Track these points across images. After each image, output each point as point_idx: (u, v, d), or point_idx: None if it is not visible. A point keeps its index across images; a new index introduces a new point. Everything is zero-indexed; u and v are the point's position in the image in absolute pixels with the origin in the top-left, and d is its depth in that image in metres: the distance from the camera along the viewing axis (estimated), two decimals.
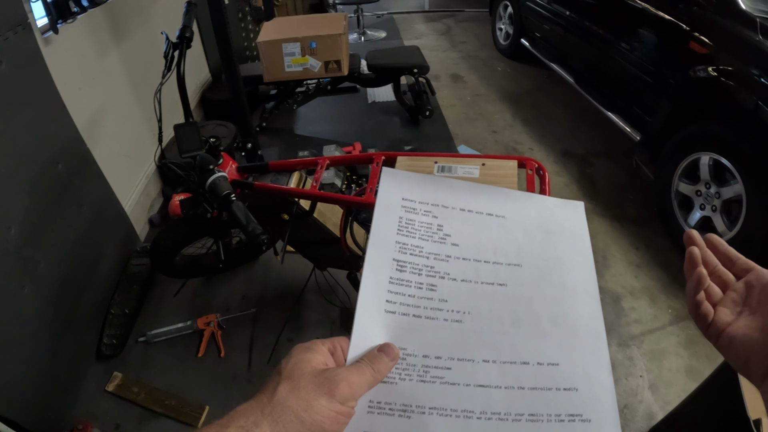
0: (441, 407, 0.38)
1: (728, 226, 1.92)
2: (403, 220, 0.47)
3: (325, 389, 0.34)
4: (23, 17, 1.53)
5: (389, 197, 0.48)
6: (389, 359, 0.39)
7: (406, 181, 0.50)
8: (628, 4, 2.46)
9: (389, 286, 0.43)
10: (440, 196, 0.49)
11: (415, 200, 0.48)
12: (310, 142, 3.08)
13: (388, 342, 0.40)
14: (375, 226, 0.46)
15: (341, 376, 0.35)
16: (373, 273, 0.44)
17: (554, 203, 0.50)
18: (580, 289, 0.44)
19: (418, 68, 3.04)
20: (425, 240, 0.46)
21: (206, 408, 1.58)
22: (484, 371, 0.40)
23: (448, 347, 0.41)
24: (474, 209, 0.49)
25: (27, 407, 1.40)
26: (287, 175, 1.24)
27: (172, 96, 1.83)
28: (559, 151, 2.97)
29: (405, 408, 0.38)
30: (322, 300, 1.86)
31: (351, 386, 0.35)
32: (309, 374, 0.35)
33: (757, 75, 1.75)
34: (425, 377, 0.40)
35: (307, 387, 0.34)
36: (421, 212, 0.48)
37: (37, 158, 1.57)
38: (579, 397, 0.39)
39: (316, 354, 0.38)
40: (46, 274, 1.55)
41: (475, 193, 0.50)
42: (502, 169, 1.03)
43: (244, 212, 1.03)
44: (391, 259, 0.45)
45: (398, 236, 0.46)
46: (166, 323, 1.85)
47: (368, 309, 0.42)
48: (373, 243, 0.45)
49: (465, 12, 5.78)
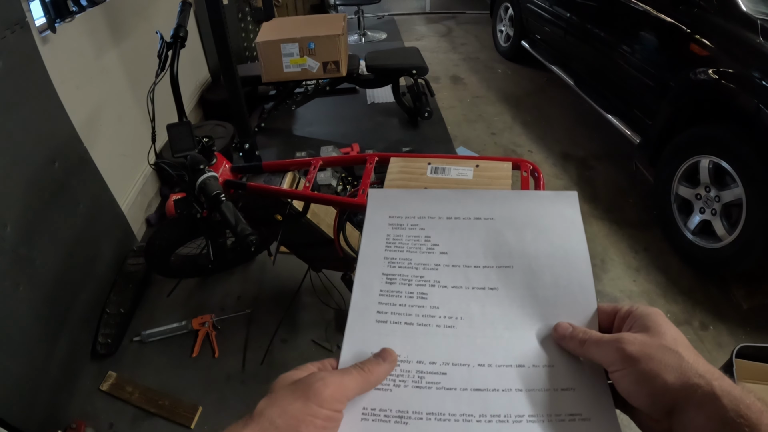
0: (439, 412, 0.38)
1: (728, 230, 1.90)
2: (391, 236, 0.48)
3: (299, 393, 0.34)
4: (21, 16, 1.53)
5: (376, 217, 0.49)
6: (385, 362, 0.38)
7: (391, 199, 0.51)
8: (628, 7, 2.45)
9: (380, 299, 0.44)
10: (426, 208, 0.49)
11: (401, 216, 0.49)
12: (308, 143, 3.08)
13: (385, 347, 0.40)
14: (363, 248, 0.47)
15: (317, 378, 0.35)
16: (362, 290, 0.44)
17: (545, 196, 0.49)
18: (575, 286, 0.43)
19: (417, 69, 3.04)
20: (413, 252, 0.46)
21: (199, 408, 1.57)
22: (480, 375, 0.40)
23: (443, 353, 0.41)
24: (461, 215, 0.48)
25: (20, 406, 1.39)
26: (280, 176, 1.24)
27: (168, 96, 1.83)
28: (558, 154, 2.96)
29: (401, 414, 0.38)
30: (317, 301, 1.86)
31: (329, 386, 0.34)
32: (287, 384, 0.36)
33: (758, 77, 1.73)
34: (420, 383, 0.39)
35: (282, 394, 0.34)
36: (408, 227, 0.48)
37: (34, 157, 1.57)
38: (577, 396, 0.38)
39: (299, 371, 0.37)
40: (42, 273, 1.55)
41: (461, 200, 0.50)
42: (496, 171, 1.02)
43: (233, 212, 1.02)
44: (380, 273, 0.45)
45: (386, 252, 0.47)
46: (161, 323, 1.85)
47: (359, 322, 0.42)
48: (361, 263, 0.46)
49: (466, 14, 5.78)
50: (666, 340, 0.35)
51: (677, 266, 2.12)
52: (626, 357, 0.35)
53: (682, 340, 0.36)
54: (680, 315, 1.91)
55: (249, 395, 1.60)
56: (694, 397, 0.32)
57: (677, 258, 2.15)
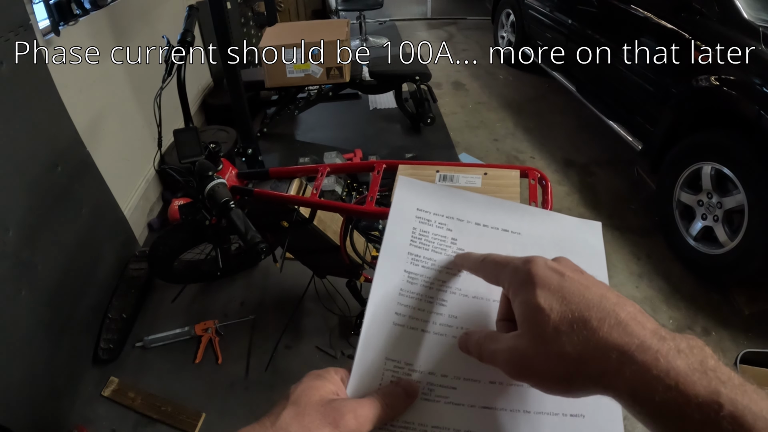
0: (444, 426, 0.37)
1: (730, 237, 1.91)
2: (417, 231, 0.46)
3: (330, 419, 0.33)
4: (25, 19, 1.53)
5: (404, 207, 0.47)
6: (407, 397, 0.37)
7: (422, 191, 0.48)
8: (630, 13, 2.47)
9: (399, 298, 0.42)
10: (455, 208, 0.48)
11: (429, 211, 0.47)
12: (311, 149, 3.08)
13: (410, 380, 0.39)
14: (388, 236, 0.45)
15: (349, 408, 0.34)
16: (383, 283, 0.43)
17: (571, 222, 0.49)
18: None
19: (420, 75, 3.05)
20: (438, 253, 0.45)
21: (203, 415, 1.56)
22: (489, 393, 0.39)
23: (455, 366, 0.40)
24: (489, 224, 0.47)
25: (22, 411, 1.38)
26: (287, 182, 1.23)
27: (172, 101, 1.83)
28: (560, 160, 2.97)
29: (406, 425, 0.37)
30: (321, 308, 1.85)
31: (358, 419, 0.34)
32: (316, 402, 0.34)
33: (760, 84, 1.74)
34: (430, 396, 0.39)
35: (311, 415, 0.33)
36: (435, 224, 0.46)
37: (37, 160, 1.57)
38: (586, 424, 0.38)
39: (326, 382, 0.36)
40: (44, 278, 1.54)
41: (491, 208, 0.48)
42: (504, 179, 1.02)
43: (242, 220, 1.02)
44: (403, 270, 0.44)
45: (411, 247, 0.45)
46: (164, 329, 1.84)
47: (377, 320, 0.41)
48: (384, 252, 0.44)
49: (467, 20, 5.80)
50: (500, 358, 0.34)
51: (679, 272, 2.13)
52: (516, 365, 0.34)
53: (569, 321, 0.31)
54: (682, 321, 1.91)
55: (253, 402, 1.59)
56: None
57: (679, 264, 2.16)
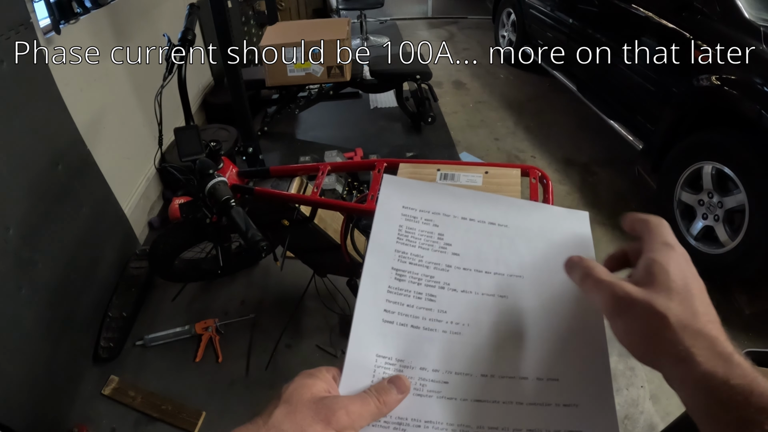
0: (437, 421, 0.37)
1: (730, 236, 1.91)
2: (403, 228, 0.46)
3: (322, 416, 0.33)
4: (26, 17, 1.53)
5: (389, 205, 0.47)
6: (398, 392, 0.38)
7: (407, 188, 0.49)
8: (631, 13, 2.46)
9: (387, 296, 0.42)
10: (442, 204, 0.48)
11: (415, 208, 0.47)
12: (311, 147, 3.08)
13: (401, 375, 0.39)
14: (374, 235, 0.45)
15: (340, 405, 0.34)
16: (371, 282, 0.43)
17: (558, 213, 0.49)
18: (582, 302, 0.43)
19: (420, 74, 3.04)
20: (425, 249, 0.45)
21: (203, 414, 1.56)
22: (482, 386, 0.39)
23: (447, 360, 0.40)
24: (476, 218, 0.47)
25: (22, 410, 1.38)
26: (288, 181, 1.23)
27: (173, 99, 1.83)
28: (561, 159, 2.96)
29: (400, 422, 0.37)
30: (321, 306, 1.85)
31: (350, 416, 0.34)
32: (308, 400, 0.34)
33: (761, 84, 1.74)
34: (422, 391, 0.39)
35: (303, 412, 0.33)
36: (421, 221, 0.47)
37: (37, 159, 1.57)
38: (580, 412, 0.38)
39: (318, 380, 0.37)
40: (44, 276, 1.54)
41: (477, 202, 0.48)
42: (505, 178, 1.02)
43: (243, 218, 1.02)
44: (390, 267, 0.44)
45: (398, 245, 0.45)
46: (164, 327, 1.84)
47: (366, 318, 0.41)
48: (371, 251, 0.44)
49: (468, 19, 5.80)
50: (658, 302, 0.33)
51: None
52: (614, 307, 0.35)
53: (683, 298, 0.34)
54: None
55: (253, 400, 1.59)
56: (668, 360, 0.33)
57: None
